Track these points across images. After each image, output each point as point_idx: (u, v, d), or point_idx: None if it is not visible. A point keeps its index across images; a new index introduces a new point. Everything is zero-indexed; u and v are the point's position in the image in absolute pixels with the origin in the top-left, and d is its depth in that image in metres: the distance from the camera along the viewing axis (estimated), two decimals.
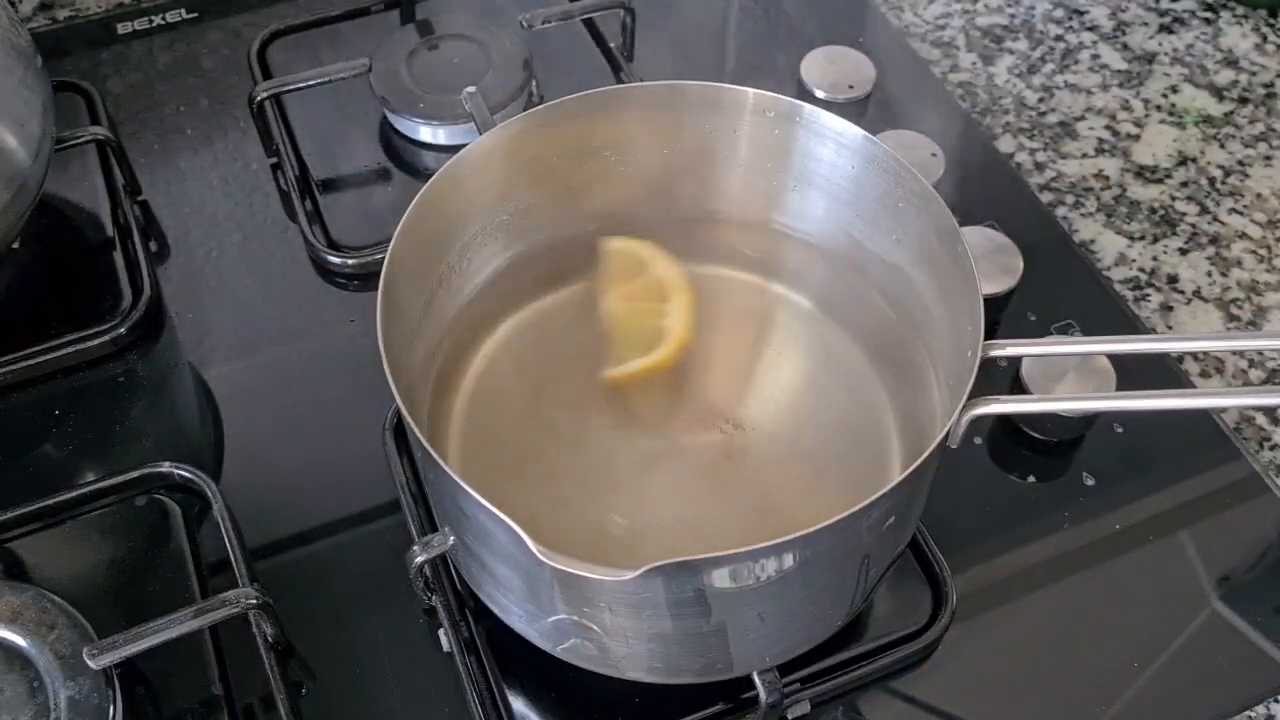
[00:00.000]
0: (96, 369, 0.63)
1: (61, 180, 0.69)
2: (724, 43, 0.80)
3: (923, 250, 0.52)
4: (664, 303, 0.54)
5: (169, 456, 0.58)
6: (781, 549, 0.41)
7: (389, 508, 0.57)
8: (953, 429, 0.45)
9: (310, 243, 0.67)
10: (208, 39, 0.79)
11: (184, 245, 0.68)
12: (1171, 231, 0.71)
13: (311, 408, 0.62)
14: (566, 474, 0.52)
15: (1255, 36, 0.81)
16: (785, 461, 0.52)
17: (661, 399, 0.54)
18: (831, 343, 0.56)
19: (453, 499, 0.44)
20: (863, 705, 0.53)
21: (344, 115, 0.74)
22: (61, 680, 0.49)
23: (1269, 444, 0.62)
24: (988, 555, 0.57)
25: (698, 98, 0.54)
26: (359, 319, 0.65)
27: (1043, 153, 0.75)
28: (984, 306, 0.46)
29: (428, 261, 0.52)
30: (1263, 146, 0.75)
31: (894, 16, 0.82)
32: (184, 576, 0.55)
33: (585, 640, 0.46)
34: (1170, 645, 0.55)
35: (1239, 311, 0.67)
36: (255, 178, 0.71)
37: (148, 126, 0.74)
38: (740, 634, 0.46)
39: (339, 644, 0.54)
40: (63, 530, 0.56)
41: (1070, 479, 0.59)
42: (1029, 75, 0.79)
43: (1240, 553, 0.58)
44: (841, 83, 0.74)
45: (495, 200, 0.55)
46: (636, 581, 0.39)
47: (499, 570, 0.46)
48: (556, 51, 0.76)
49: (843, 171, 0.54)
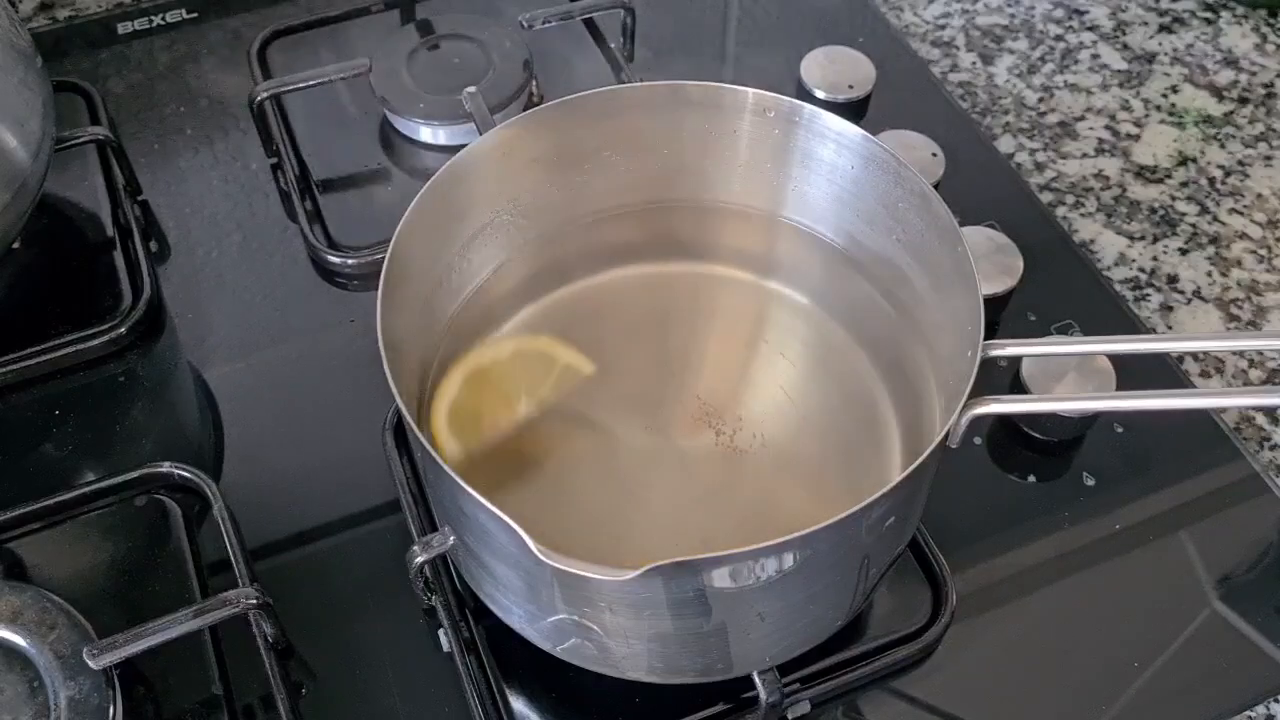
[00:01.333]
0: (96, 369, 0.63)
1: (61, 180, 0.69)
2: (724, 43, 0.80)
3: (923, 250, 0.52)
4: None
5: (169, 456, 0.58)
6: (781, 549, 0.41)
7: (389, 508, 0.57)
8: (953, 429, 0.45)
9: (310, 243, 0.67)
10: (208, 39, 0.79)
11: (184, 245, 0.68)
12: (1171, 231, 0.71)
13: (311, 408, 0.62)
14: (566, 474, 0.52)
15: (1255, 36, 0.81)
16: (785, 461, 0.52)
17: (661, 398, 0.54)
18: (832, 342, 0.56)
19: (453, 499, 0.44)
20: (863, 705, 0.53)
21: (344, 115, 0.74)
22: (61, 680, 0.49)
23: (1269, 444, 0.62)
24: (988, 555, 0.57)
25: (698, 97, 0.54)
26: (359, 319, 0.65)
27: (1043, 153, 0.75)
28: (984, 306, 0.46)
29: (428, 261, 0.52)
30: (1263, 146, 0.75)
31: (894, 16, 0.82)
32: (184, 576, 0.55)
33: (585, 640, 0.46)
34: (1170, 645, 0.55)
35: (1239, 311, 0.67)
36: (255, 178, 0.71)
37: (148, 126, 0.74)
38: (740, 634, 0.46)
39: (339, 644, 0.54)
40: (63, 530, 0.56)
41: (1070, 479, 0.59)
42: (1029, 75, 0.79)
43: (1240, 553, 0.58)
44: (841, 83, 0.74)
45: (495, 200, 0.55)
46: (636, 581, 0.39)
47: (499, 570, 0.46)
48: (557, 51, 0.77)
49: (843, 171, 0.54)
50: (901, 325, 0.54)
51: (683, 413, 0.54)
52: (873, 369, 0.55)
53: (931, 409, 0.51)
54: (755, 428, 0.53)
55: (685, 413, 0.54)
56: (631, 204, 0.58)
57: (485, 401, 0.53)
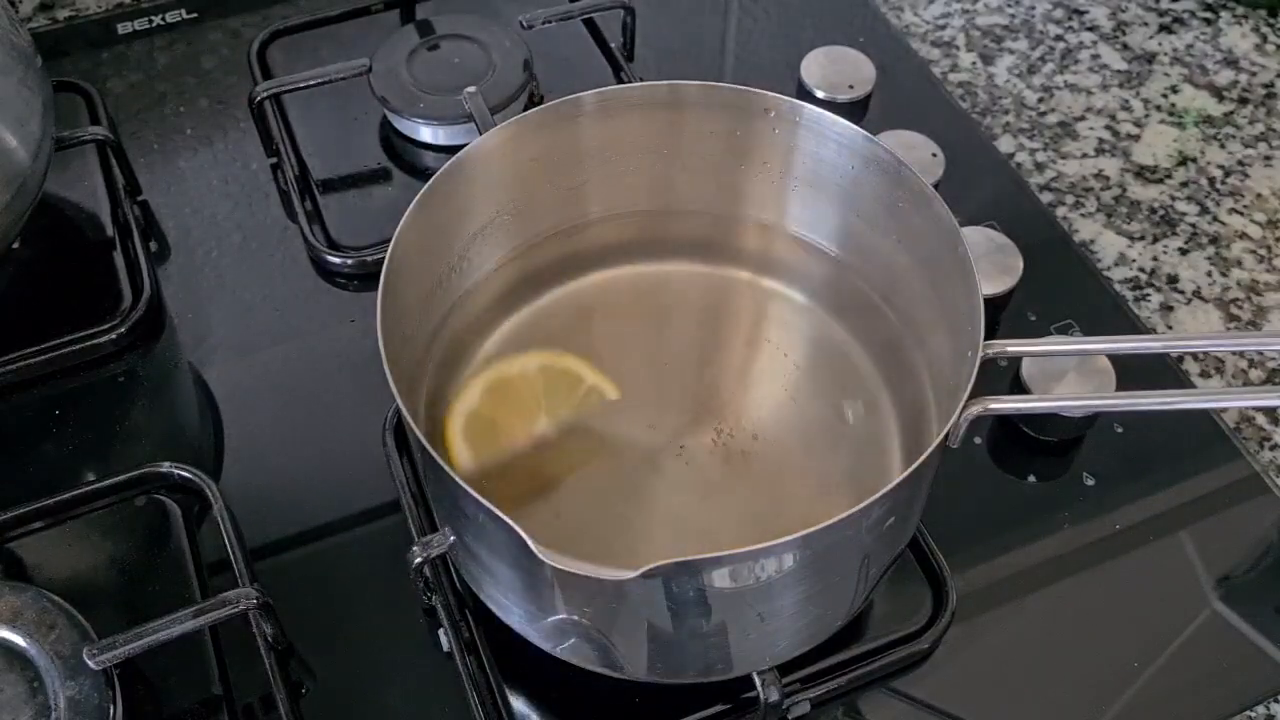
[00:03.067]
0: (96, 369, 0.63)
1: (61, 180, 0.69)
2: (724, 42, 0.80)
3: (923, 250, 0.52)
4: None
5: (169, 456, 0.58)
6: (781, 549, 0.41)
7: (389, 507, 0.57)
8: (953, 429, 0.45)
9: (310, 243, 0.67)
10: (208, 39, 0.79)
11: (184, 245, 0.68)
12: (1171, 231, 0.71)
13: (311, 407, 0.62)
14: (567, 474, 0.52)
15: (1255, 37, 0.81)
16: (786, 461, 0.52)
17: (662, 398, 0.54)
18: (832, 341, 0.56)
19: (452, 499, 0.44)
20: (863, 705, 0.53)
21: (344, 115, 0.74)
22: (61, 680, 0.49)
23: (1269, 444, 0.62)
24: (988, 555, 0.57)
25: (698, 98, 0.54)
26: (359, 319, 0.65)
27: (1043, 153, 0.75)
28: (984, 307, 0.46)
29: (428, 262, 0.52)
30: (1263, 146, 0.75)
31: (894, 16, 0.82)
32: (184, 576, 0.55)
33: (585, 640, 0.46)
34: (1170, 645, 0.55)
35: (1239, 311, 0.67)
36: (255, 178, 0.71)
37: (148, 126, 0.74)
38: (740, 634, 0.46)
39: (339, 644, 0.54)
40: (63, 530, 0.56)
41: (1070, 479, 0.59)
42: (1029, 75, 0.79)
43: (1240, 553, 0.58)
44: (841, 83, 0.74)
45: (495, 201, 0.55)
46: (637, 582, 0.39)
47: (499, 570, 0.46)
48: (557, 51, 0.77)
49: (843, 171, 0.54)
50: (901, 325, 0.54)
51: (683, 413, 0.54)
52: (873, 368, 0.55)
53: (931, 409, 0.51)
54: (756, 428, 0.53)
55: (686, 412, 0.54)
56: (630, 204, 0.58)
57: (486, 402, 0.53)
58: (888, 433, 0.53)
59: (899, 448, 0.52)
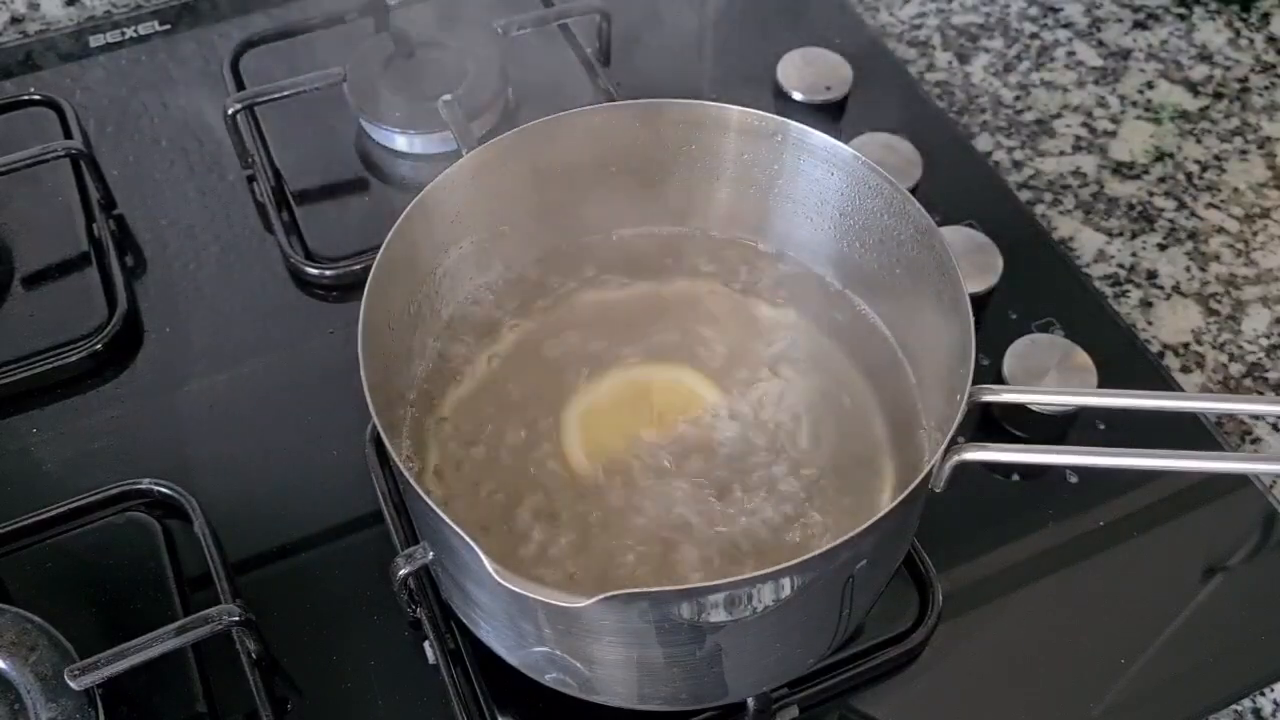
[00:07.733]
0: (74, 385, 0.62)
1: (35, 195, 0.69)
2: (700, 46, 0.80)
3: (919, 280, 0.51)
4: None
5: (148, 472, 0.58)
6: (739, 585, 0.40)
7: (372, 519, 0.57)
8: (935, 473, 0.44)
9: (287, 254, 0.66)
10: (180, 51, 0.78)
11: (160, 259, 0.68)
12: (1150, 227, 0.71)
13: (292, 420, 0.61)
14: (552, 492, 0.51)
15: (1229, 31, 0.82)
16: (776, 483, 0.51)
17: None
18: (818, 356, 0.54)
19: (424, 517, 0.44)
20: (852, 707, 0.53)
21: (319, 125, 0.73)
22: (43, 702, 0.48)
23: (1250, 438, 0.62)
24: (973, 554, 0.57)
25: (680, 115, 0.54)
26: (338, 330, 0.64)
27: (1020, 151, 0.75)
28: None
29: (409, 282, 0.52)
30: (1238, 141, 0.76)
31: (869, 17, 0.82)
32: (166, 593, 0.54)
33: (557, 667, 0.46)
34: (1155, 640, 0.55)
35: (1218, 306, 0.68)
36: (231, 189, 0.71)
37: (121, 140, 0.73)
38: (721, 663, 0.45)
39: (324, 658, 0.53)
40: (42, 549, 0.56)
41: (1054, 476, 0.59)
42: (1005, 74, 0.79)
43: (1224, 547, 0.58)
44: (818, 84, 0.74)
45: (475, 222, 0.54)
46: (593, 609, 0.38)
47: (471, 590, 0.46)
48: (532, 57, 0.76)
49: (826, 186, 0.53)
50: (893, 348, 0.54)
51: (672, 433, 0.52)
52: (868, 390, 0.53)
53: (922, 435, 0.51)
54: (746, 446, 0.52)
55: (674, 433, 0.52)
56: (612, 222, 0.57)
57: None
58: (880, 454, 0.51)
59: (891, 469, 0.51)
